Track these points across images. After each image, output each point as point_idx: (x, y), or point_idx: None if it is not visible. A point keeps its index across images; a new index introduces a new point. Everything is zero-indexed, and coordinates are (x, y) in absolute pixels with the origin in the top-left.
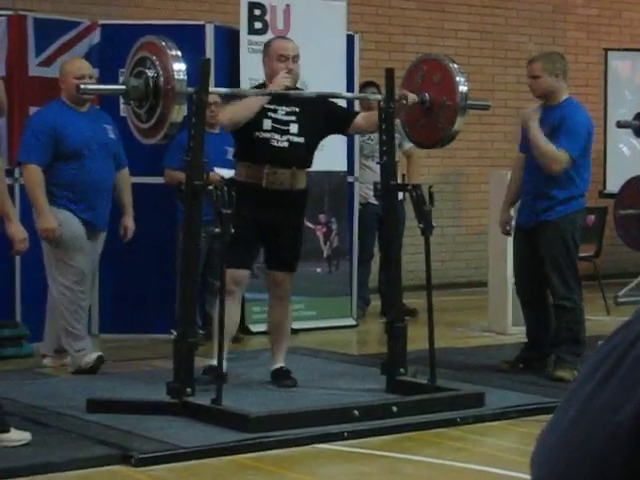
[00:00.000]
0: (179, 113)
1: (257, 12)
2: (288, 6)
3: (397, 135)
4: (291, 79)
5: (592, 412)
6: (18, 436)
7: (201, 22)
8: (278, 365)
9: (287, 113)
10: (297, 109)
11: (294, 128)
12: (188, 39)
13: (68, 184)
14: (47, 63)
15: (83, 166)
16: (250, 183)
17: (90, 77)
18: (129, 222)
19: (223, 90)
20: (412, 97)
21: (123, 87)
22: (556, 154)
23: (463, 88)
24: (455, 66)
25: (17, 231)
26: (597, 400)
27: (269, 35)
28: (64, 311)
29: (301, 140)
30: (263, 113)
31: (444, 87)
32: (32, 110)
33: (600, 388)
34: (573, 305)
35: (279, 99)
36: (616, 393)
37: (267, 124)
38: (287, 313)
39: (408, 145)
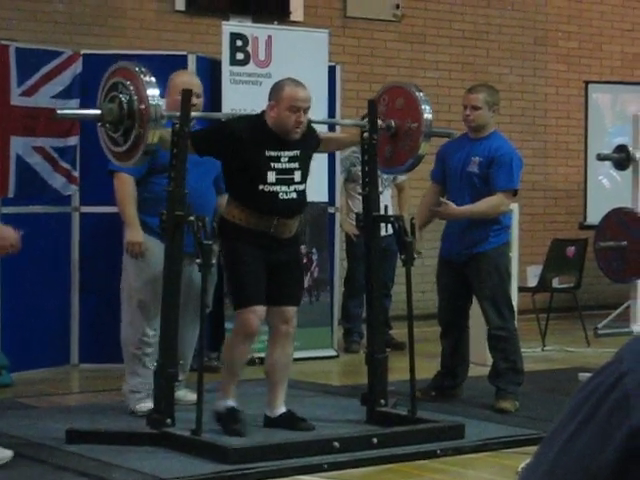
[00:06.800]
0: (154, 136)
1: (239, 43)
2: (270, 37)
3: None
4: (300, 132)
5: (571, 456)
6: None
7: (183, 52)
8: (284, 409)
9: (290, 159)
10: (297, 152)
11: (297, 176)
12: (170, 69)
13: (160, 199)
14: (29, 93)
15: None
16: (254, 230)
17: (198, 96)
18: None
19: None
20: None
21: (98, 111)
22: (494, 202)
23: (427, 115)
24: (421, 94)
25: None
26: (576, 444)
27: (251, 66)
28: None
29: (303, 187)
30: (266, 165)
31: (407, 111)
32: (14, 140)
33: (579, 431)
34: (509, 335)
35: (281, 143)
36: (596, 437)
37: (271, 177)
38: (292, 352)
39: (402, 178)
